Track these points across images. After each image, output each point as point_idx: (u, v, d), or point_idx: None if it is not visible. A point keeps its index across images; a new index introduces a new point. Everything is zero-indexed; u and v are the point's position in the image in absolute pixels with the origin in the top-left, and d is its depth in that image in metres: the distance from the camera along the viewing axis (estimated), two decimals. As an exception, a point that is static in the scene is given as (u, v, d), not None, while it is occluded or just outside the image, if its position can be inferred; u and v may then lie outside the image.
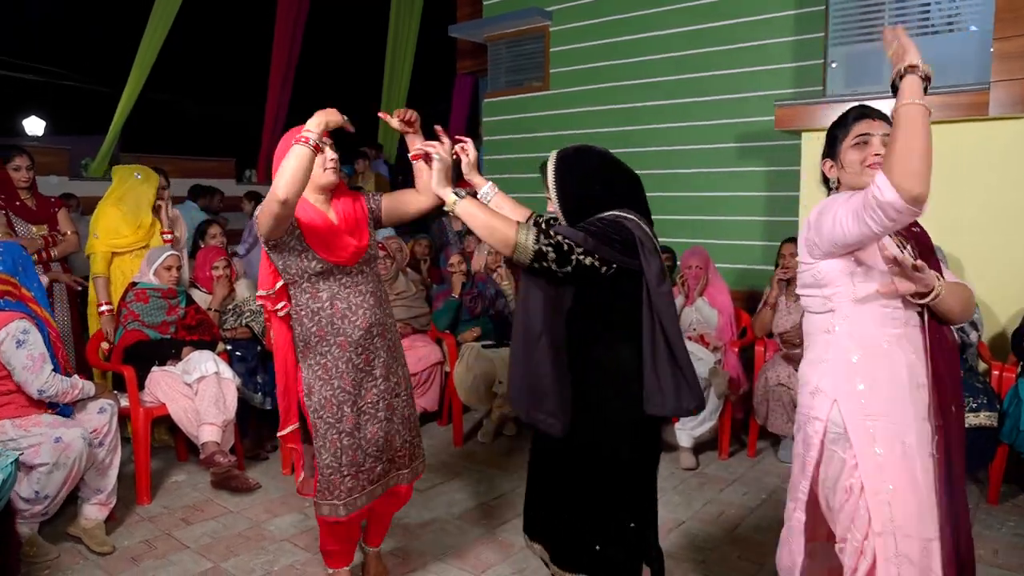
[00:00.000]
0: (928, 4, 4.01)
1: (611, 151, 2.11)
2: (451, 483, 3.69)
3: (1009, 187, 3.76)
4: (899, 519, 1.65)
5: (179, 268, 3.84)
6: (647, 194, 2.12)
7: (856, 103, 1.91)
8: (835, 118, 1.74)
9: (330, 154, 2.30)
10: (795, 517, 1.88)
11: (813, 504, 1.85)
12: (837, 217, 1.67)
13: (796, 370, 3.75)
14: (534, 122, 6.45)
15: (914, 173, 1.50)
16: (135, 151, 7.73)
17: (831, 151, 1.87)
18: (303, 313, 2.32)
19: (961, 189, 3.80)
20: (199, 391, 3.48)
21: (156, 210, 4.19)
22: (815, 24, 4.77)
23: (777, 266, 4.20)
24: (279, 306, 2.37)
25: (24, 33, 14.15)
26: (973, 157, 3.79)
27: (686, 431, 3.92)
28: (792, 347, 3.86)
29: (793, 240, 4.06)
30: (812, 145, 4.31)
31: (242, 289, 4.35)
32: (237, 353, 4.03)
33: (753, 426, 4.04)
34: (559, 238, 1.84)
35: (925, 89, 1.56)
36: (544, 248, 1.82)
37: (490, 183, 2.25)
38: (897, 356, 1.73)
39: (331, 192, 2.38)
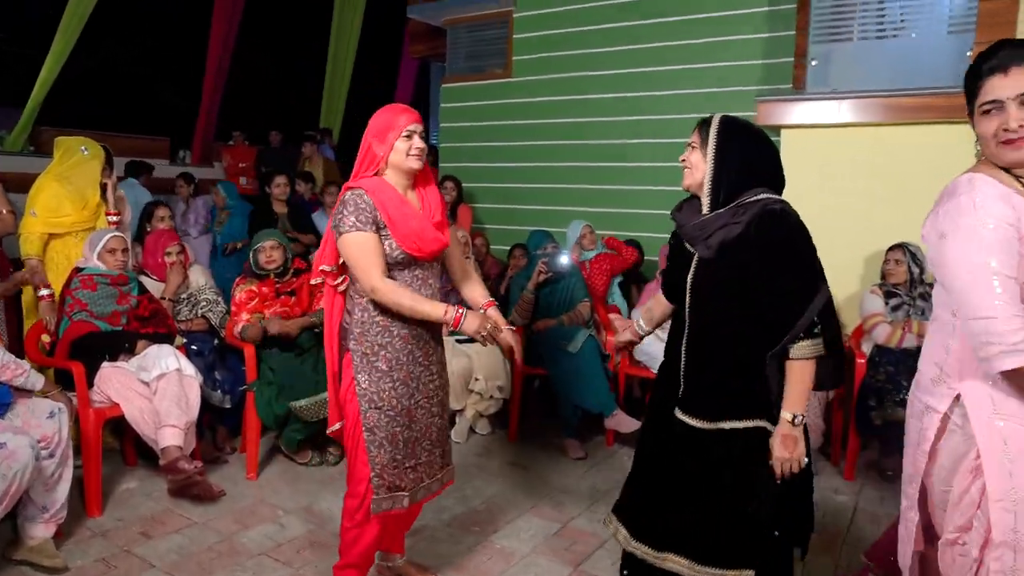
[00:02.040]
0: (909, 6, 4.05)
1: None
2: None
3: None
4: (1022, 530, 1.49)
5: (125, 251, 3.48)
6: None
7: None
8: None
9: (418, 142, 2.17)
10: (908, 517, 1.74)
11: (924, 502, 1.70)
12: (953, 277, 1.50)
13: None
14: (494, 110, 6.27)
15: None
16: (56, 124, 7.09)
17: (970, 105, 1.55)
18: (368, 300, 2.20)
19: (939, 190, 3.85)
20: (159, 390, 3.15)
21: (102, 189, 3.79)
22: (785, 22, 4.78)
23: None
24: (339, 280, 2.27)
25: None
26: (952, 159, 3.81)
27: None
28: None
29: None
30: (792, 142, 4.31)
31: (196, 276, 4.01)
32: (193, 347, 3.69)
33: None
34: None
35: None
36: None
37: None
38: None
39: (413, 180, 2.26)
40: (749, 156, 1.93)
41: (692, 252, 1.98)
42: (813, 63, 4.29)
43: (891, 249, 3.87)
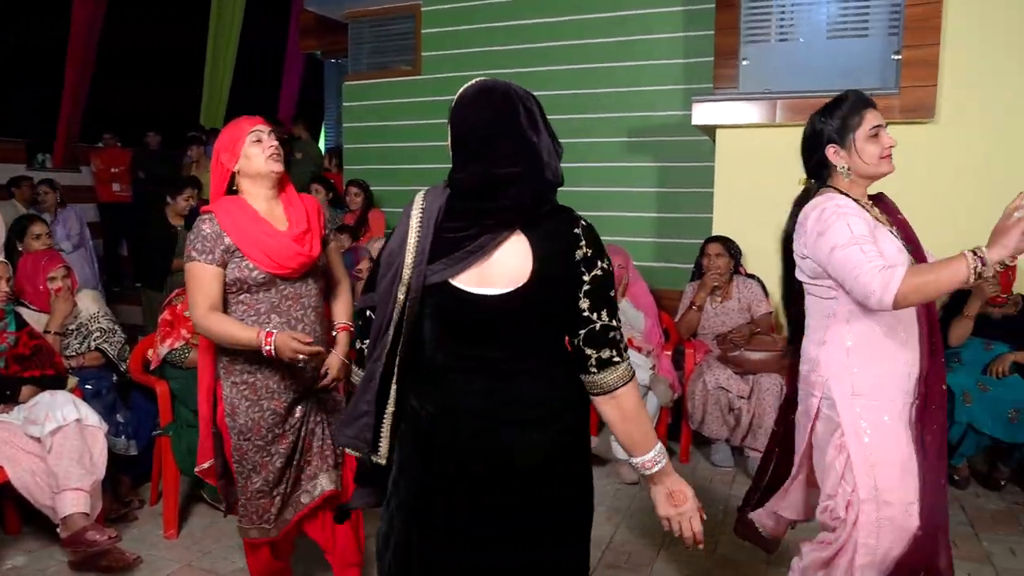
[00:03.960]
0: (846, 9, 4.09)
1: None
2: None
3: (914, 190, 3.90)
4: (881, 487, 1.82)
5: (9, 280, 2.92)
6: None
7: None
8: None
9: (270, 141, 2.12)
10: (799, 479, 2.11)
11: (809, 470, 2.06)
12: (829, 257, 1.81)
13: (736, 373, 3.74)
14: (403, 109, 5.93)
15: (918, 300, 1.71)
16: None
17: (841, 138, 1.92)
18: None
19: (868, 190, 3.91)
20: (54, 447, 2.65)
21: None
22: (705, 21, 4.74)
23: (699, 266, 4.11)
24: None
25: None
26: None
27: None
28: (733, 348, 3.75)
29: (718, 240, 3.97)
30: (726, 141, 4.26)
31: (86, 303, 3.44)
32: (88, 386, 3.17)
33: (685, 431, 3.91)
34: None
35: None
36: None
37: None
38: (890, 340, 1.87)
39: (278, 188, 2.19)
40: None
41: None
42: (744, 63, 4.26)
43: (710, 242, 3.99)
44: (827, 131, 1.94)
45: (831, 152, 1.94)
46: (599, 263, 1.38)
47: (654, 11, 5.05)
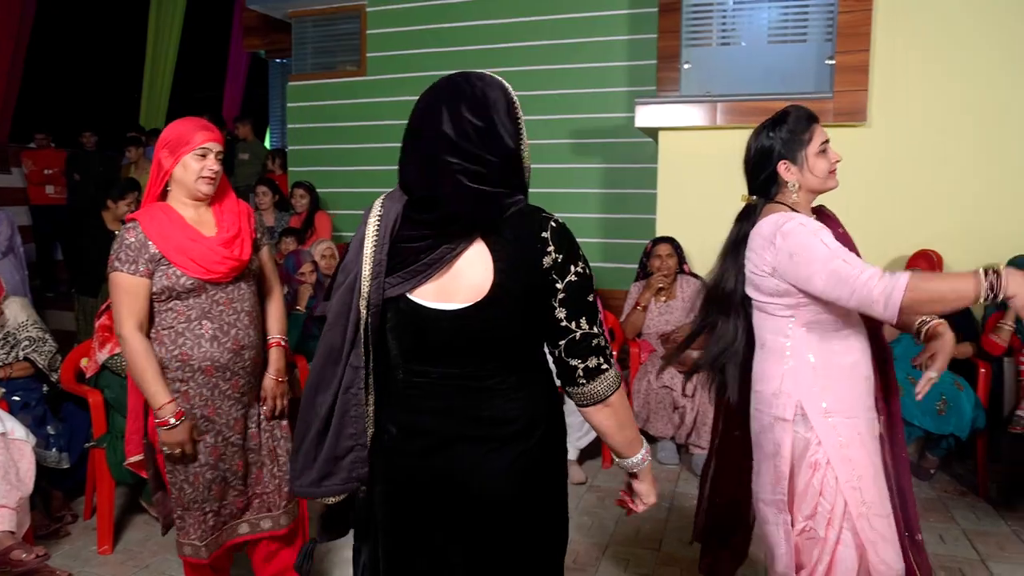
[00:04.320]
0: (786, 15, 4.19)
1: None
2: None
3: (848, 191, 4.00)
4: (869, 502, 1.80)
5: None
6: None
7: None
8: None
9: (212, 164, 2.08)
10: (782, 520, 1.90)
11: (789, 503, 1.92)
12: (814, 274, 1.71)
13: (680, 371, 3.79)
14: (349, 110, 5.86)
15: (924, 311, 1.68)
16: None
17: (792, 154, 1.87)
18: (163, 333, 2.08)
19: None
20: (-22, 461, 2.54)
21: None
22: (649, 25, 4.80)
23: (643, 266, 4.16)
24: None
25: None
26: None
27: (572, 443, 3.72)
28: (676, 347, 3.80)
29: (665, 240, 4.03)
30: (669, 143, 4.33)
31: (14, 311, 3.31)
32: (15, 398, 3.06)
33: (630, 431, 3.95)
34: None
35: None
36: None
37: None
38: (848, 355, 1.85)
39: (208, 199, 2.16)
40: None
41: None
42: (686, 66, 4.33)
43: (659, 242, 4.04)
44: (777, 147, 1.89)
45: (782, 168, 1.89)
46: (573, 267, 1.27)
47: (599, 14, 5.09)
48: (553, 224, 1.28)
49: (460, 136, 1.24)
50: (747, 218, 1.94)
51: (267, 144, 8.54)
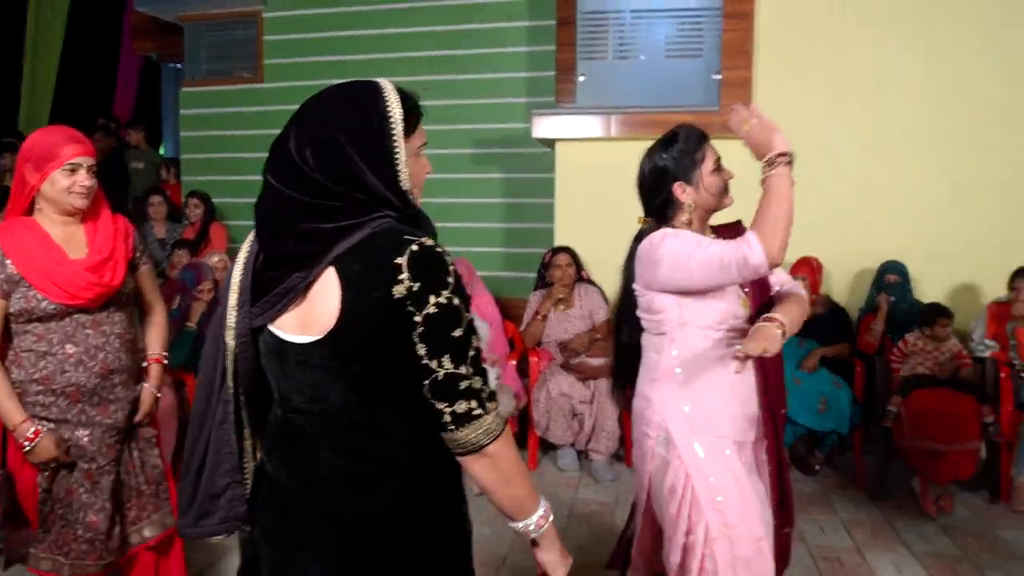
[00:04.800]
0: (682, 31, 4.35)
1: None
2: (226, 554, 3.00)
3: (736, 202, 4.21)
4: (732, 524, 1.76)
5: None
6: None
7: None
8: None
9: (83, 179, 1.97)
10: (637, 524, 1.99)
11: (654, 514, 1.94)
12: (690, 268, 1.74)
13: (578, 380, 3.87)
14: (246, 118, 5.69)
15: (783, 242, 1.65)
16: None
17: (687, 175, 1.86)
18: (22, 356, 1.97)
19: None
20: None
21: None
22: (548, 37, 4.88)
23: (542, 276, 4.22)
24: None
25: None
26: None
27: (472, 453, 3.72)
28: (574, 356, 3.88)
29: (563, 250, 4.10)
30: (565, 154, 4.41)
31: None
32: None
33: (532, 437, 4.00)
34: None
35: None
36: None
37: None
38: (721, 374, 1.83)
39: (80, 216, 2.05)
40: None
41: None
42: (581, 78, 4.43)
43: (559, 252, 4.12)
44: (671, 168, 1.85)
45: (678, 190, 1.85)
46: (433, 297, 1.09)
47: (499, 25, 5.14)
48: (413, 248, 1.10)
49: (299, 158, 1.13)
50: (639, 241, 1.91)
51: (163, 152, 8.21)
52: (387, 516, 1.18)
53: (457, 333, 1.12)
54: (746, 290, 1.91)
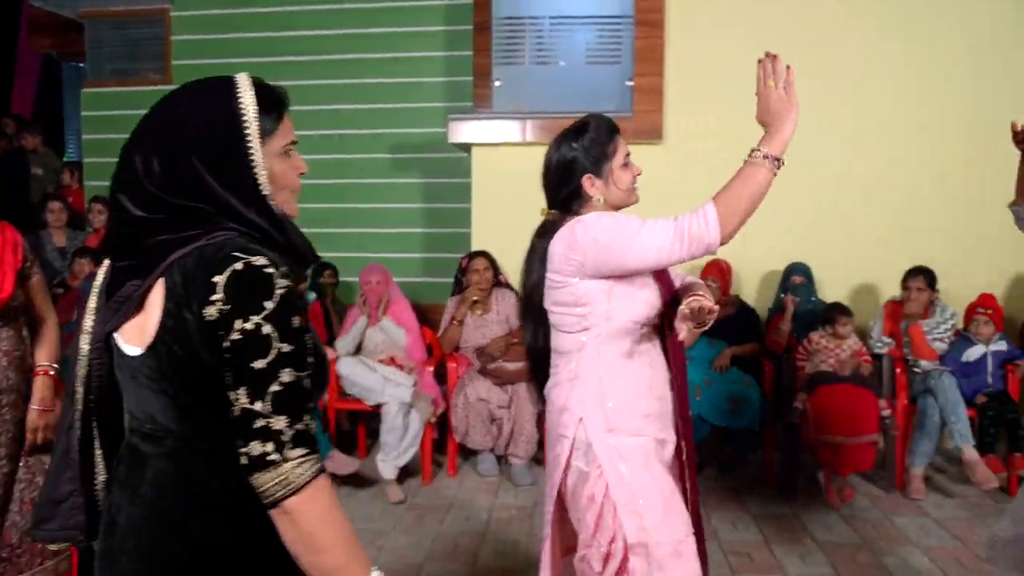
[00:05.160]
0: (601, 38, 4.40)
1: None
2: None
3: (645, 207, 4.27)
4: (650, 528, 1.68)
5: None
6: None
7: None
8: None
9: None
10: (544, 534, 1.86)
11: (561, 521, 1.84)
12: (633, 246, 1.63)
13: (496, 384, 3.86)
14: (153, 120, 5.47)
15: (740, 223, 1.60)
16: None
17: (597, 167, 1.76)
18: None
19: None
20: None
21: None
22: (465, 42, 4.88)
23: (459, 281, 4.20)
24: None
25: None
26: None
27: (389, 462, 3.68)
28: (490, 360, 3.88)
29: (480, 255, 4.09)
30: (481, 158, 4.41)
31: None
32: None
33: (451, 444, 3.97)
34: None
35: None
36: None
37: None
38: (642, 371, 1.77)
39: None
40: None
41: None
42: (497, 83, 4.44)
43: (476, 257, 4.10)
44: (581, 159, 1.76)
45: (587, 183, 1.75)
46: (239, 323, 0.99)
47: (416, 29, 5.12)
48: (237, 267, 1.00)
49: (144, 169, 1.05)
50: (547, 234, 1.78)
51: (66, 155, 7.81)
52: (215, 543, 1.07)
53: (259, 364, 0.99)
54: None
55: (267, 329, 0.99)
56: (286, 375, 1.00)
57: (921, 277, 3.88)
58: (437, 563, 3.02)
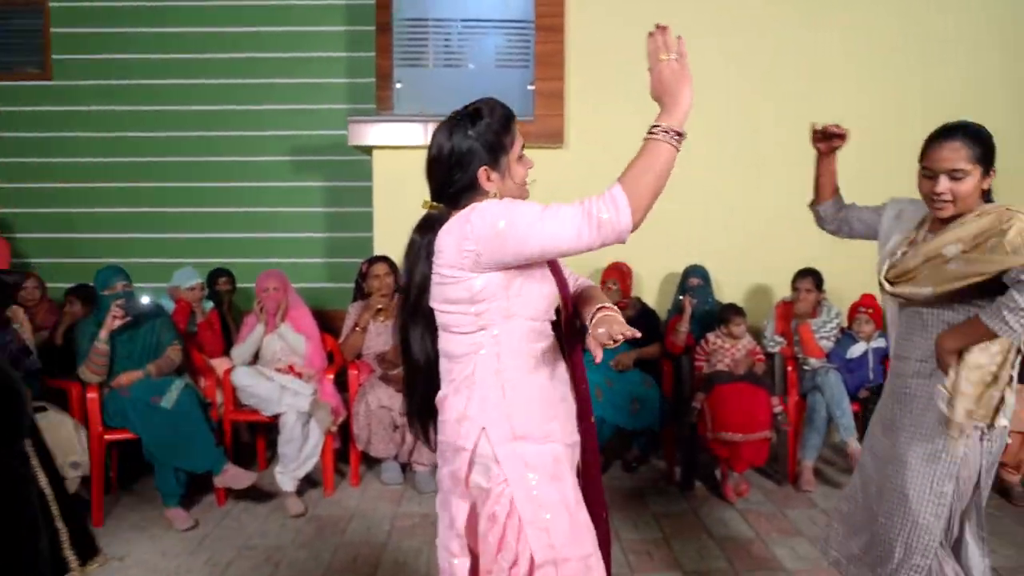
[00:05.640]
0: (510, 42, 4.40)
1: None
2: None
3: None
4: (558, 545, 1.55)
5: None
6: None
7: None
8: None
9: None
10: (456, 566, 1.65)
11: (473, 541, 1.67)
12: (537, 233, 1.48)
13: (398, 391, 3.79)
14: (31, 119, 5.14)
15: (650, 204, 1.50)
16: None
17: (495, 159, 1.60)
18: None
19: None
20: None
21: None
22: (368, 43, 4.80)
23: (360, 286, 4.11)
24: None
25: None
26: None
27: (288, 474, 3.55)
28: (392, 367, 3.80)
29: (381, 259, 4.01)
30: (382, 161, 4.34)
31: None
32: None
33: (354, 452, 3.88)
34: None
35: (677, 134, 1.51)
36: None
37: None
38: (544, 372, 1.63)
39: None
40: None
41: None
42: (399, 86, 4.38)
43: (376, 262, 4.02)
44: (478, 150, 1.59)
45: (483, 175, 1.59)
46: None
47: (316, 29, 4.99)
48: None
49: None
50: (429, 228, 1.63)
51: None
52: None
53: None
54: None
55: None
56: None
57: (809, 278, 4.05)
58: (337, 575, 2.94)
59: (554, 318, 1.69)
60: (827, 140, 2.27)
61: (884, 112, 4.41)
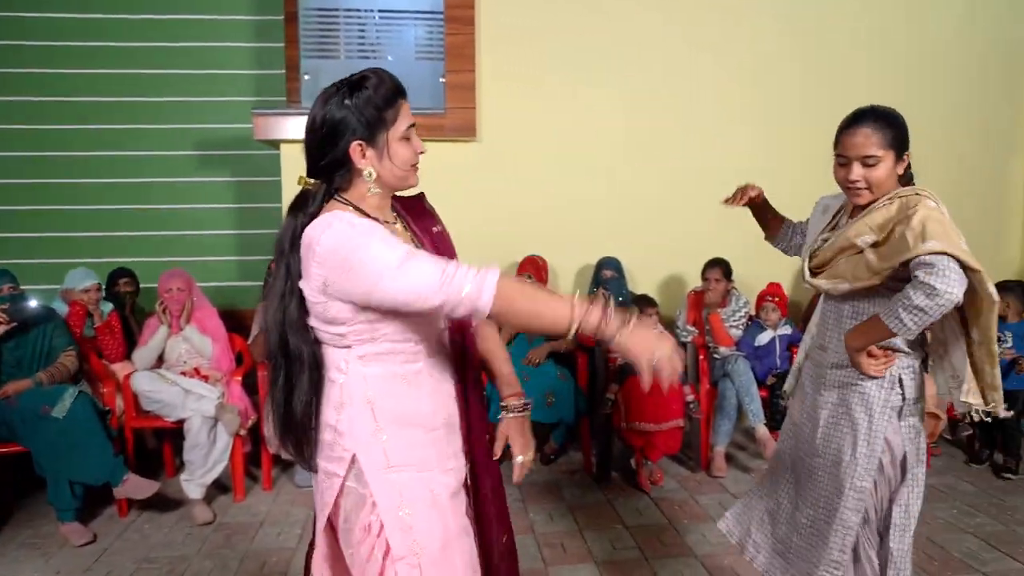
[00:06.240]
0: (431, 34, 4.30)
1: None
2: None
3: (463, 204, 4.24)
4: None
5: None
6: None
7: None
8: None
9: None
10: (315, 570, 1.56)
11: (335, 558, 1.57)
12: (386, 288, 1.34)
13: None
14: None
15: (513, 314, 1.38)
16: None
17: (371, 134, 1.44)
18: None
19: (436, 199, 4.19)
20: None
21: None
22: (275, 33, 4.65)
23: (267, 284, 3.99)
24: None
25: None
26: (434, 175, 4.21)
27: (194, 481, 3.43)
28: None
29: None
30: (290, 156, 4.22)
31: None
32: None
33: (265, 456, 3.77)
34: None
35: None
36: None
37: None
38: (419, 394, 1.49)
39: None
40: None
41: None
42: (306, 77, 4.26)
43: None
44: (352, 121, 1.42)
45: (355, 151, 1.43)
46: None
47: (221, 18, 4.80)
48: None
49: None
50: (302, 209, 1.48)
51: None
52: None
53: None
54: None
55: None
56: None
57: (718, 268, 4.14)
58: (247, 586, 2.86)
59: (441, 327, 1.54)
60: (743, 198, 2.26)
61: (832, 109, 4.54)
